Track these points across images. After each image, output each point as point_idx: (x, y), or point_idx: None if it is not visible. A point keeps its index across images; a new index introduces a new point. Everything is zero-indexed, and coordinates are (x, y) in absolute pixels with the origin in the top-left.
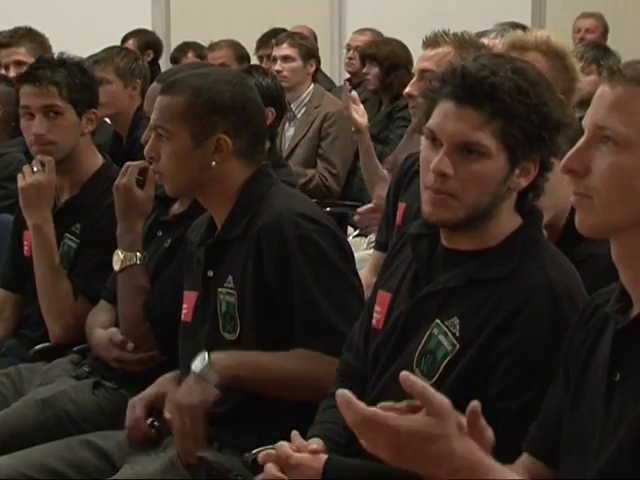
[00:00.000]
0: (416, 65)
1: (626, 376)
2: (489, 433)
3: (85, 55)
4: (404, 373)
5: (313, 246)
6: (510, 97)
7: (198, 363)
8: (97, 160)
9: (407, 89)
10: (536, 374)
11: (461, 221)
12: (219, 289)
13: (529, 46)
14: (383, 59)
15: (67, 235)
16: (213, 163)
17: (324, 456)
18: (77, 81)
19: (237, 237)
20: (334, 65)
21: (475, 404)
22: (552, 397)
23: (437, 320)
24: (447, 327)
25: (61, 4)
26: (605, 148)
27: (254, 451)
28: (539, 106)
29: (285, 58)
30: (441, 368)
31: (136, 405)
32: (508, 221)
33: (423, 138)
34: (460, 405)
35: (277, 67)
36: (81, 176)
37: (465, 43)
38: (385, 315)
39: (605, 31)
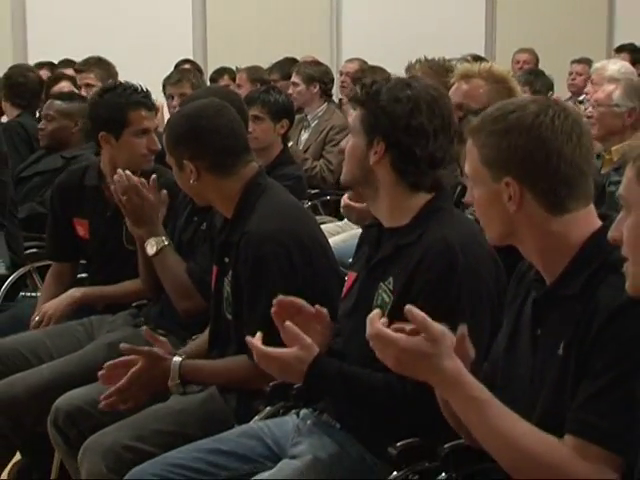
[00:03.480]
0: None
1: (544, 332)
2: (472, 351)
3: (139, 80)
4: (409, 307)
5: (262, 270)
6: (371, 96)
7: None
8: None
9: None
10: (445, 305)
11: (346, 182)
12: (224, 278)
13: (474, 74)
14: None
15: None
16: (191, 182)
17: (316, 350)
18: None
19: (236, 242)
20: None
21: (463, 329)
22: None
23: (380, 283)
24: (386, 285)
25: (122, 39)
26: None
27: (271, 383)
28: (386, 103)
29: (294, 84)
30: (386, 315)
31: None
32: (420, 198)
33: None
34: None
35: (289, 90)
36: None
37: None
38: (348, 288)
39: (537, 62)
